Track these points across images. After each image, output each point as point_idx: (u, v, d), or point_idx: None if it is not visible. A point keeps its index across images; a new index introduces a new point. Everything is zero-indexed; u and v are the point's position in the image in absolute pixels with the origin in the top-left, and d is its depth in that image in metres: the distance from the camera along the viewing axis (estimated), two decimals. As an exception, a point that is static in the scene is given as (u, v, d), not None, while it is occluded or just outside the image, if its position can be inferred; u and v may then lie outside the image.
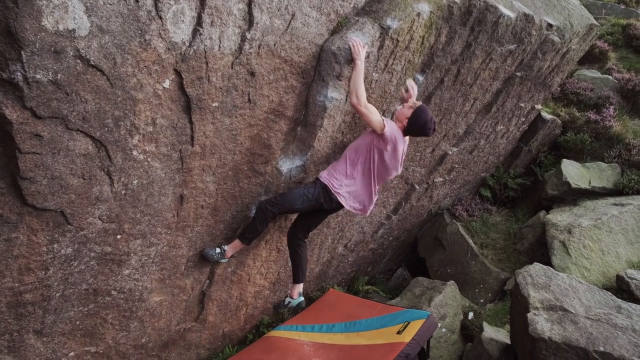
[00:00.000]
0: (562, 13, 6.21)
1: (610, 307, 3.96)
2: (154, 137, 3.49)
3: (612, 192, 6.55)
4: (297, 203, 4.41)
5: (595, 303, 3.98)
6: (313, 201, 4.42)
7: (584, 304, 3.94)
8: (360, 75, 4.06)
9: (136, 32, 3.01)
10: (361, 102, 4.02)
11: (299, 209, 4.49)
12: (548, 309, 3.83)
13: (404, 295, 5.83)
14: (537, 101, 6.98)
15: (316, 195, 4.40)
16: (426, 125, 4.20)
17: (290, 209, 4.48)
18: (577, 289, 4.06)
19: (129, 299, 4.22)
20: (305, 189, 4.45)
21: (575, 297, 3.97)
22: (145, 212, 3.81)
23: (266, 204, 4.40)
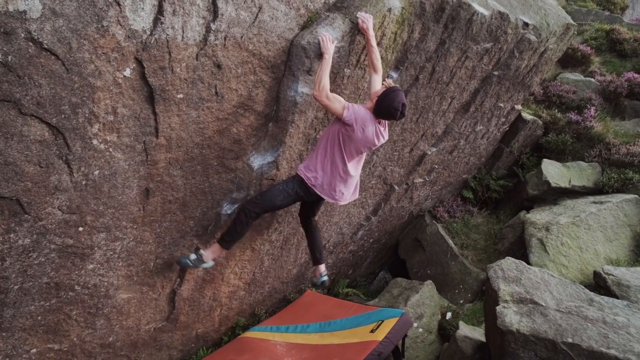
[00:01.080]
0: (539, 12, 6.24)
1: (582, 300, 3.90)
2: (115, 126, 3.46)
3: (592, 190, 6.53)
4: (278, 200, 4.34)
5: (567, 296, 3.93)
6: (293, 195, 4.37)
7: (555, 297, 3.88)
8: (325, 68, 4.02)
9: (93, 17, 2.99)
10: (322, 94, 3.97)
11: (280, 205, 4.43)
12: (518, 302, 3.77)
13: (382, 296, 5.76)
14: (516, 101, 6.98)
15: (295, 190, 4.35)
16: (391, 105, 4.01)
17: (271, 206, 4.38)
18: (549, 283, 4.01)
19: (94, 295, 4.15)
20: (284, 185, 4.39)
21: (547, 291, 3.92)
22: (108, 205, 3.76)
23: (247, 204, 4.32)
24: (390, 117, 4.14)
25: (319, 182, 4.32)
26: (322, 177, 4.31)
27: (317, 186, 4.33)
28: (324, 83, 3.98)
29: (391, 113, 4.07)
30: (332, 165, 4.27)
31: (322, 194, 4.38)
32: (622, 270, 4.86)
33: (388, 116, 4.14)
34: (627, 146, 6.94)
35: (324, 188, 4.35)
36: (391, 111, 4.05)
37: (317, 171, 4.31)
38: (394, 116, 4.10)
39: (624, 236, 5.72)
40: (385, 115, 4.13)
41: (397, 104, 4.01)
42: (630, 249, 5.64)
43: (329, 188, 4.35)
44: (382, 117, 4.17)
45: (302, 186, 4.35)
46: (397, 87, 4.14)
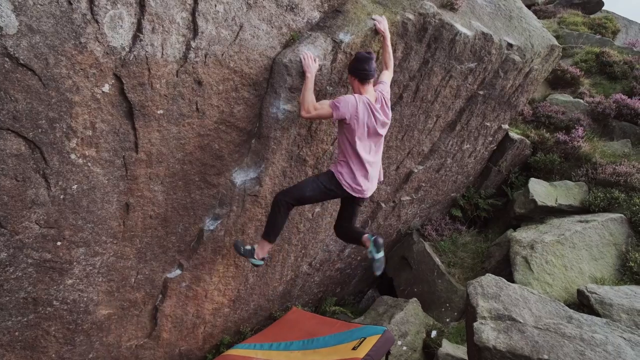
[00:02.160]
0: (523, 34, 6.34)
1: (561, 317, 3.89)
2: (93, 141, 3.50)
3: (578, 209, 6.54)
4: (308, 190, 4.43)
5: (546, 313, 3.91)
6: (323, 189, 4.43)
7: (534, 313, 3.87)
8: (307, 88, 4.11)
9: (70, 34, 3.05)
10: (308, 110, 4.06)
11: (310, 196, 4.48)
12: (496, 318, 3.76)
13: (367, 314, 5.73)
14: (503, 121, 7.04)
15: (325, 183, 4.42)
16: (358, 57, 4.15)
17: (301, 195, 4.45)
18: (528, 299, 4.00)
19: (74, 311, 4.13)
20: (315, 177, 4.54)
21: (526, 307, 3.91)
22: (87, 219, 3.77)
23: (279, 194, 4.49)
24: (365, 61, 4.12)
25: (344, 177, 4.37)
26: (346, 173, 4.36)
27: (342, 180, 4.37)
28: (308, 101, 4.07)
29: (361, 58, 4.13)
30: (351, 160, 4.32)
31: (348, 189, 4.40)
32: (606, 289, 4.85)
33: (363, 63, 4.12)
34: (613, 166, 6.98)
35: (349, 183, 4.38)
36: (360, 58, 4.14)
37: (343, 167, 4.37)
38: (365, 59, 4.12)
39: (610, 255, 5.71)
40: (361, 67, 4.13)
41: (360, 54, 4.17)
42: (616, 268, 5.63)
43: (353, 182, 4.38)
44: (362, 72, 4.14)
45: (332, 180, 4.41)
46: None
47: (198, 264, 4.82)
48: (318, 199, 4.68)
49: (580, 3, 16.10)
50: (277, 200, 4.45)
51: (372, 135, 4.31)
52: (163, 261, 4.59)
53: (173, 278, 4.72)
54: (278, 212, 4.45)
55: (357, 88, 4.26)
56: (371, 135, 4.30)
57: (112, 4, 3.17)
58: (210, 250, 4.82)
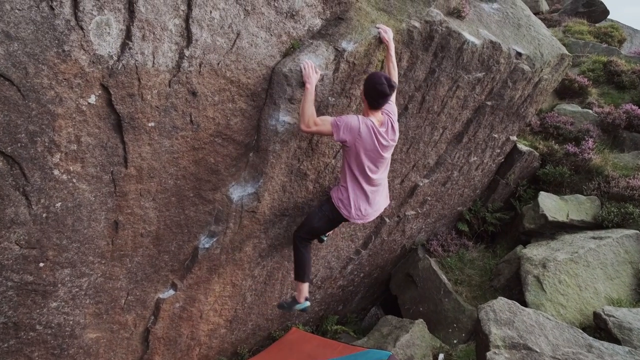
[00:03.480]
0: (532, 43, 6.12)
1: (580, 346, 3.62)
2: (79, 156, 3.27)
3: (591, 225, 6.28)
4: (315, 222, 4.50)
5: (563, 341, 3.65)
6: (329, 217, 4.44)
7: (551, 342, 3.60)
8: (308, 98, 3.90)
9: (52, 41, 2.83)
10: (308, 124, 3.87)
11: (319, 227, 4.55)
12: (510, 347, 3.50)
13: (371, 335, 5.46)
14: (511, 132, 6.80)
15: (328, 212, 4.42)
16: (376, 82, 3.83)
17: (311, 228, 4.55)
18: (544, 326, 3.74)
19: (59, 335, 3.89)
20: (319, 208, 4.55)
21: (542, 335, 3.64)
22: (72, 239, 3.54)
23: (295, 232, 4.65)
24: (382, 95, 3.88)
25: (344, 205, 4.29)
26: (346, 200, 4.27)
27: (341, 209, 4.30)
28: (308, 115, 3.86)
29: (378, 90, 3.85)
30: (351, 185, 4.22)
31: (347, 217, 4.35)
32: (624, 312, 4.58)
33: (380, 95, 3.89)
34: (626, 179, 6.72)
35: (348, 211, 4.29)
36: (378, 89, 3.84)
37: (342, 194, 4.29)
38: (383, 91, 3.85)
39: (625, 274, 5.44)
40: (377, 96, 3.90)
41: (379, 79, 3.84)
42: (632, 288, 5.36)
43: (353, 209, 4.28)
44: (377, 100, 3.94)
45: (333, 209, 4.36)
46: (372, 72, 4.08)
47: (192, 284, 4.58)
48: (328, 227, 4.68)
49: (585, 12, 15.91)
50: (295, 239, 4.57)
51: (375, 159, 4.13)
52: (155, 281, 4.34)
53: (166, 299, 4.48)
54: (299, 250, 4.53)
55: (366, 110, 4.09)
56: (373, 158, 4.12)
57: (99, 10, 2.95)
58: (206, 269, 4.57)
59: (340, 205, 4.30)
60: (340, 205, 4.30)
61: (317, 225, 4.52)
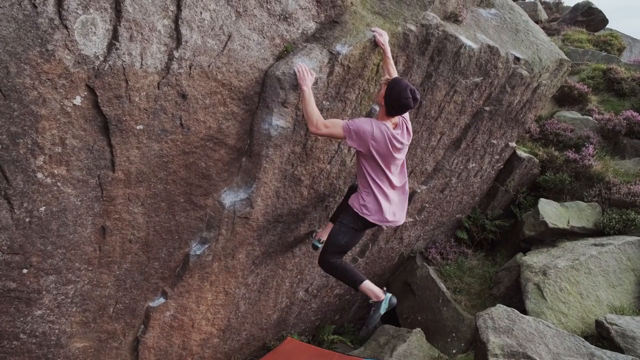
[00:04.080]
0: (530, 47, 6.05)
1: (582, 355, 3.50)
2: (63, 159, 3.18)
3: (592, 232, 6.16)
4: (341, 239, 4.29)
5: (564, 350, 3.53)
6: (353, 230, 4.28)
7: (552, 350, 3.48)
8: (308, 101, 3.81)
9: (35, 40, 2.76)
10: (318, 126, 3.79)
11: (346, 243, 4.35)
12: (509, 356, 3.38)
13: (368, 344, 5.33)
14: (510, 138, 6.71)
15: (352, 224, 4.25)
16: (401, 95, 3.75)
17: (339, 247, 4.35)
18: (545, 334, 3.62)
19: (44, 345, 3.78)
20: (340, 224, 4.33)
21: (542, 343, 3.53)
22: (58, 244, 3.44)
23: (322, 257, 4.42)
24: (405, 108, 3.83)
25: (370, 211, 4.15)
26: (370, 204, 4.14)
27: (369, 215, 4.15)
28: (314, 116, 3.78)
29: (402, 103, 3.78)
30: (373, 190, 4.10)
31: (376, 222, 4.21)
32: (627, 320, 4.45)
33: (403, 108, 3.84)
34: (628, 185, 6.62)
35: (376, 215, 4.16)
36: (403, 102, 3.77)
37: (365, 199, 4.15)
38: (407, 105, 3.79)
39: (628, 281, 5.31)
40: (399, 108, 3.85)
41: (405, 93, 3.75)
42: (635, 296, 5.23)
43: (380, 214, 4.16)
44: (397, 112, 3.89)
45: (356, 218, 4.21)
46: (398, 77, 3.93)
47: (184, 292, 4.47)
48: (354, 241, 4.49)
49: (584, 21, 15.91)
50: (326, 264, 4.37)
51: (389, 162, 4.05)
52: (145, 289, 4.24)
53: (156, 307, 4.37)
54: (337, 269, 4.35)
55: (382, 114, 4.00)
56: (388, 162, 4.04)
57: (84, 9, 2.88)
58: (197, 276, 4.46)
59: (365, 212, 4.14)
60: (365, 212, 4.14)
61: (344, 242, 4.30)
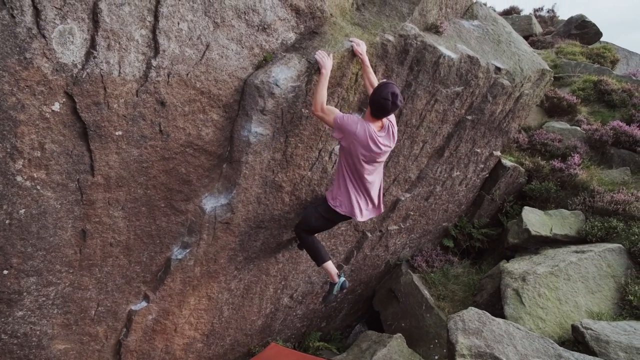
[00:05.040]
0: (512, 58, 6.18)
1: (549, 356, 3.56)
2: (43, 163, 3.30)
3: (575, 239, 6.22)
4: (312, 221, 4.66)
5: (532, 351, 3.59)
6: (324, 218, 4.59)
7: (520, 351, 3.54)
8: (321, 83, 4.06)
9: (13, 48, 2.89)
10: (317, 108, 4.05)
11: (316, 226, 4.72)
12: (476, 356, 3.44)
13: (350, 350, 5.39)
14: (495, 147, 6.81)
15: (323, 213, 4.56)
16: (380, 96, 3.90)
17: (309, 226, 4.74)
18: (514, 336, 3.68)
19: (25, 345, 3.86)
20: (314, 207, 4.71)
21: (510, 344, 3.59)
22: (38, 246, 3.54)
23: (295, 229, 4.92)
24: (383, 109, 3.97)
25: (341, 204, 4.41)
26: (342, 198, 4.39)
27: (339, 207, 4.43)
28: (319, 97, 4.04)
29: (382, 104, 3.92)
30: (348, 184, 4.33)
31: (346, 214, 4.46)
32: (602, 325, 4.51)
33: (381, 110, 3.98)
34: (611, 194, 6.69)
35: (346, 207, 4.41)
36: (381, 102, 3.92)
37: (338, 192, 4.41)
38: (385, 107, 3.93)
39: (608, 288, 5.36)
40: (378, 109, 3.99)
41: (385, 94, 3.89)
42: (614, 302, 5.27)
43: (349, 206, 4.40)
44: (377, 113, 4.04)
45: (329, 209, 4.49)
46: (387, 81, 4.07)
47: (166, 296, 4.55)
48: (326, 227, 4.88)
49: (578, 34, 16.05)
50: (299, 236, 4.83)
51: (369, 162, 4.24)
52: (127, 292, 4.33)
53: (138, 310, 4.45)
54: (306, 240, 4.78)
55: (368, 116, 4.18)
56: (367, 162, 4.22)
57: (62, 19, 3.02)
58: (179, 281, 4.55)
59: (337, 204, 4.40)
60: (337, 204, 4.40)
61: (315, 225, 4.68)
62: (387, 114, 4.08)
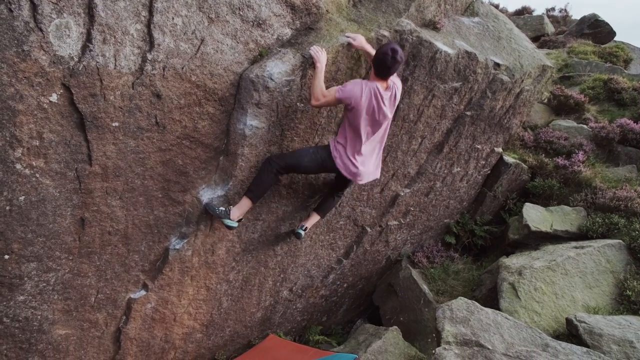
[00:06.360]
0: (512, 54, 6.20)
1: (535, 345, 3.58)
2: (41, 152, 3.44)
3: (575, 236, 6.19)
4: (305, 159, 4.41)
5: (519, 340, 3.61)
6: (320, 161, 4.44)
7: (506, 340, 3.57)
8: (317, 77, 4.16)
9: (11, 41, 3.03)
10: (318, 98, 4.13)
11: (305, 166, 4.46)
12: (462, 344, 3.48)
13: (347, 343, 5.45)
14: (496, 144, 6.82)
15: (323, 157, 4.44)
16: (380, 51, 4.01)
17: (296, 164, 4.44)
18: (501, 325, 3.71)
19: (26, 329, 4.00)
20: (315, 148, 4.53)
21: (497, 333, 3.62)
22: (38, 233, 3.68)
23: (273, 156, 4.46)
24: (383, 64, 4.03)
25: (340, 156, 4.39)
26: (343, 152, 4.38)
27: (337, 158, 4.39)
28: (318, 89, 4.13)
29: (381, 59, 4.01)
30: (348, 143, 4.34)
31: (340, 169, 4.42)
32: (597, 318, 4.50)
33: (382, 64, 4.04)
34: (613, 190, 6.65)
35: (344, 163, 4.39)
36: (380, 57, 4.01)
37: (339, 148, 4.39)
38: (385, 61, 4.00)
39: (606, 283, 5.34)
40: (379, 64, 4.06)
41: (385, 49, 3.99)
42: (612, 297, 5.25)
43: (348, 163, 4.39)
44: (379, 69, 4.10)
45: (329, 156, 4.42)
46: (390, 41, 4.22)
47: (164, 285, 4.67)
48: (313, 171, 4.66)
49: (590, 33, 15.89)
50: (269, 161, 4.39)
51: (374, 122, 4.27)
52: (126, 280, 4.45)
53: (137, 299, 4.57)
54: (267, 173, 4.39)
55: (372, 77, 4.24)
56: (373, 121, 4.26)
57: (58, 13, 3.16)
58: (177, 270, 4.67)
59: (336, 155, 4.39)
60: (336, 155, 4.39)
61: (305, 164, 4.43)
62: (388, 69, 4.09)
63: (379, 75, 4.18)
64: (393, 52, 4.00)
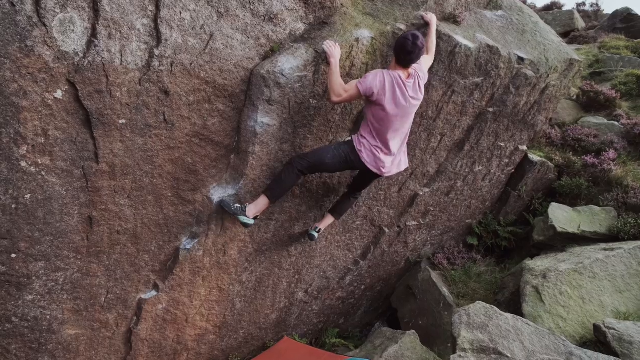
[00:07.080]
0: (537, 48, 5.93)
1: (559, 354, 3.36)
2: (47, 149, 3.39)
3: (605, 237, 5.88)
4: (327, 157, 4.29)
5: (541, 348, 3.40)
6: (343, 157, 4.32)
7: (527, 347, 3.37)
8: (333, 72, 4.04)
9: (14, 36, 2.99)
10: (340, 94, 4.01)
11: (328, 164, 4.33)
12: (479, 351, 3.29)
13: (364, 347, 5.29)
14: (520, 141, 6.55)
15: (347, 153, 4.31)
16: (402, 37, 3.97)
17: (320, 163, 4.31)
18: (522, 331, 3.50)
19: (36, 329, 3.98)
20: (337, 145, 4.41)
21: (517, 340, 3.41)
22: (45, 231, 3.64)
23: (295, 157, 4.36)
24: (403, 50, 3.96)
25: (365, 149, 4.26)
26: (367, 145, 4.25)
27: (362, 152, 4.26)
28: (337, 84, 4.00)
29: (402, 44, 3.95)
30: (372, 136, 4.22)
31: (366, 162, 4.29)
32: (627, 324, 4.23)
33: (402, 51, 3.97)
34: (647, 190, 6.31)
35: (369, 157, 4.27)
36: (401, 41, 3.96)
37: (363, 142, 4.26)
38: (405, 46, 3.93)
39: (638, 287, 5.03)
40: (400, 51, 3.99)
41: (405, 35, 3.97)
42: (645, 302, 4.96)
43: (373, 158, 4.27)
44: (400, 57, 4.03)
45: (353, 151, 4.29)
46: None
47: (175, 286, 4.60)
48: (337, 168, 4.49)
49: (623, 28, 15.31)
50: (291, 163, 4.30)
51: (398, 112, 4.12)
52: (136, 281, 4.40)
53: (148, 299, 4.52)
54: (290, 173, 4.30)
55: (393, 66, 4.15)
56: (397, 110, 4.11)
57: (62, 7, 3.10)
58: (189, 271, 4.59)
59: (361, 149, 4.26)
60: (361, 149, 4.26)
61: (329, 162, 4.29)
62: (409, 55, 3.97)
63: (400, 63, 4.07)
64: (414, 38, 3.92)
